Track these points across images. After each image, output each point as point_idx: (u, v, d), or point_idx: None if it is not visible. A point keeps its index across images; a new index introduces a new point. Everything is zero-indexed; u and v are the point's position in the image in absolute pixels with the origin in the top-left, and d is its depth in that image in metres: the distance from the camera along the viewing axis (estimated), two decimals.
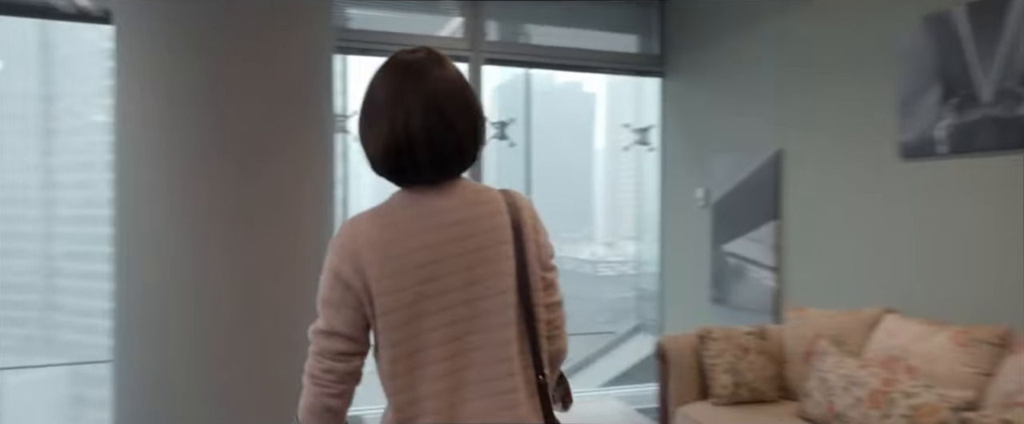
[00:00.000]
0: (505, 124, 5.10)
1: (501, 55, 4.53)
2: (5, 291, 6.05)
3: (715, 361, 2.80)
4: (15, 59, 5.59)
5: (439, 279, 1.14)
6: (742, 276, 3.93)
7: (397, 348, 1.13)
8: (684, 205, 4.52)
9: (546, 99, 7.23)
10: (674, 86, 4.75)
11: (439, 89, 1.14)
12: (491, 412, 1.13)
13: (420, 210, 1.17)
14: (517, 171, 5.54)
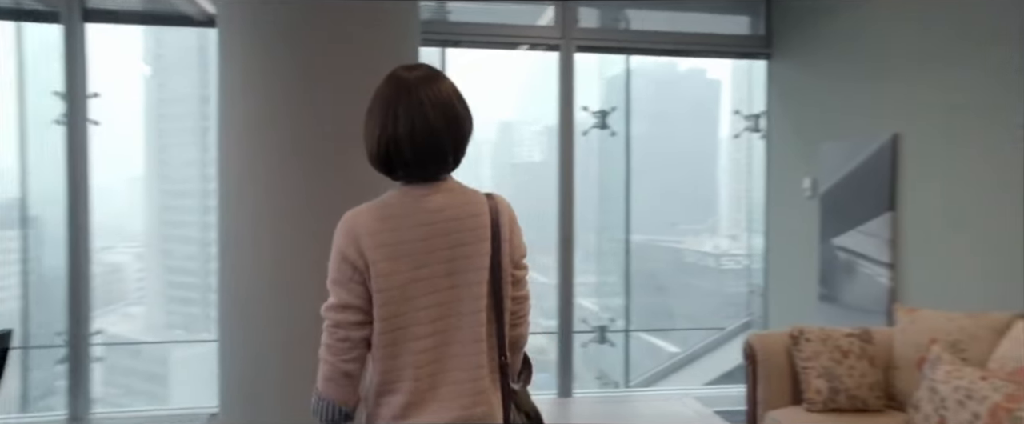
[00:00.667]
0: (606, 113, 4.99)
1: (594, 42, 4.42)
2: (173, 273, 6.71)
3: (808, 364, 2.58)
4: (177, 64, 6.16)
5: (427, 266, 1.34)
6: (853, 273, 3.62)
7: (387, 322, 1.33)
8: (790, 196, 4.23)
9: (667, 87, 6.99)
10: (781, 69, 4.44)
11: (425, 102, 1.35)
12: (464, 383, 1.35)
13: (414, 206, 1.37)
14: (617, 159, 5.41)
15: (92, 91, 3.98)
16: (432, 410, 1.33)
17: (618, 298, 6.27)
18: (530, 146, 6.74)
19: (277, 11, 3.01)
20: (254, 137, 3.03)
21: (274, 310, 2.98)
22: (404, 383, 1.33)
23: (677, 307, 6.93)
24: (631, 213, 5.47)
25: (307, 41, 3.02)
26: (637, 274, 6.38)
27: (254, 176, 3.03)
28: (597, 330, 5.28)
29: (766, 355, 2.69)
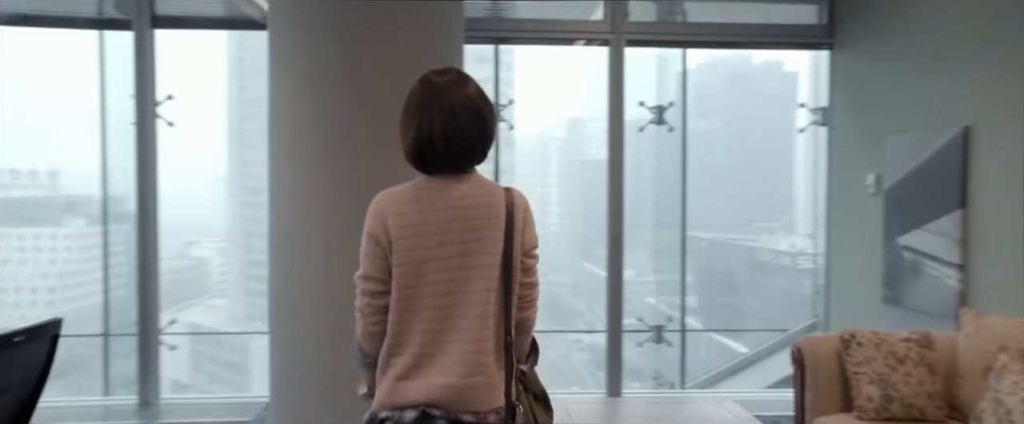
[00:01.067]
0: (663, 109, 4.89)
1: (645, 36, 4.33)
2: (253, 267, 7.01)
3: (860, 369, 2.45)
4: (257, 67, 6.44)
5: (443, 246, 1.50)
6: (919, 274, 3.41)
7: (401, 292, 1.50)
8: (853, 192, 4.03)
9: (741, 80, 6.78)
10: (844, 59, 4.23)
11: (455, 104, 1.51)
12: (464, 353, 1.48)
13: (438, 194, 1.53)
14: (673, 155, 5.28)
15: (166, 94, 4.20)
16: (431, 374, 1.48)
17: (686, 297, 6.13)
18: (598, 142, 6.65)
19: (323, 13, 3.08)
20: (302, 136, 3.12)
21: (322, 305, 3.06)
22: (410, 347, 1.49)
23: (750, 307, 6.73)
24: (688, 210, 5.34)
25: (353, 41, 3.09)
26: (710, 273, 6.21)
27: (303, 174, 3.12)
28: (653, 329, 5.18)
29: (814, 359, 2.57)
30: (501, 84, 6.24)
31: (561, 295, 7.03)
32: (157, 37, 4.23)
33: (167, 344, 4.45)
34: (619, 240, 4.21)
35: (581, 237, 7.27)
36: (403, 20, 3.16)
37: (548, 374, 3.76)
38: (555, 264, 7.33)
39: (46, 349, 1.69)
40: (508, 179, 6.40)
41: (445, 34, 3.35)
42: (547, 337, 5.32)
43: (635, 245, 5.85)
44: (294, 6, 3.12)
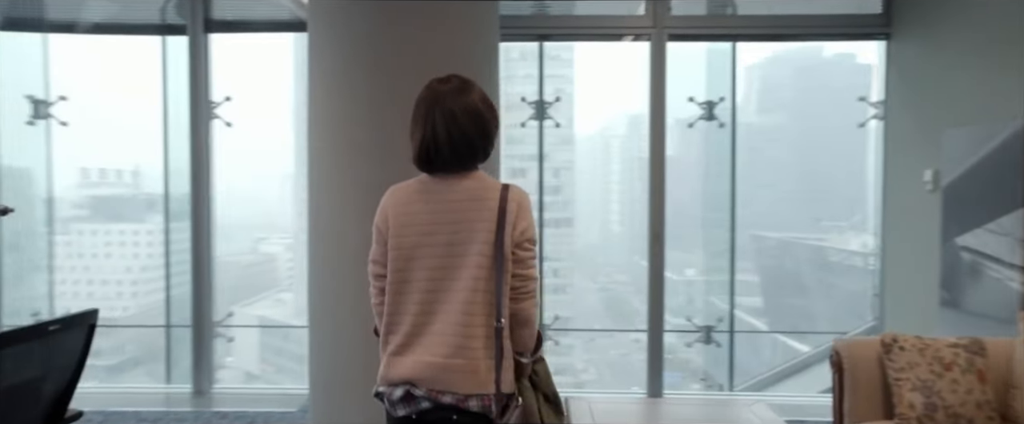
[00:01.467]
0: (713, 104, 4.78)
1: (687, 30, 4.23)
2: None
3: (901, 375, 2.33)
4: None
5: (432, 236, 1.63)
6: (979, 276, 3.22)
7: (395, 275, 1.64)
8: (909, 189, 3.83)
9: (810, 73, 6.55)
10: (901, 49, 4.03)
11: (457, 109, 1.64)
12: (446, 335, 1.58)
13: (435, 190, 1.67)
14: (723, 150, 5.15)
15: (224, 96, 4.37)
16: (417, 352, 1.60)
17: (751, 297, 5.98)
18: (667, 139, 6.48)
19: (359, 15, 3.14)
20: (339, 135, 3.18)
21: (356, 300, 3.12)
22: (402, 327, 1.63)
23: (818, 309, 6.50)
24: (754, 208, 5.21)
25: (389, 42, 3.13)
26: (776, 273, 6.04)
27: (339, 172, 3.19)
28: (702, 330, 5.08)
29: (853, 363, 2.46)
30: (561, 81, 6.19)
31: (621, 294, 6.95)
32: (218, 41, 4.42)
33: (225, 336, 4.65)
34: (660, 237, 4.14)
35: (641, 235, 7.19)
36: (438, 21, 3.18)
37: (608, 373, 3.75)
38: (615, 263, 7.25)
39: (83, 338, 1.79)
40: (567, 177, 6.35)
41: (480, 34, 3.37)
42: (607, 336, 5.28)
43: (696, 244, 5.73)
44: (331, 9, 3.19)
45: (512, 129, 4.91)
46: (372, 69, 3.12)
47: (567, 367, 6.28)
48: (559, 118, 6.32)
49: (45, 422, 1.75)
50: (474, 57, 3.31)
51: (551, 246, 6.25)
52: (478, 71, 3.32)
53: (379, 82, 3.12)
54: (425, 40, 3.16)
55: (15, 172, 4.87)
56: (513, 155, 5.95)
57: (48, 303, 5.21)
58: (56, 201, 5.54)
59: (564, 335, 6.47)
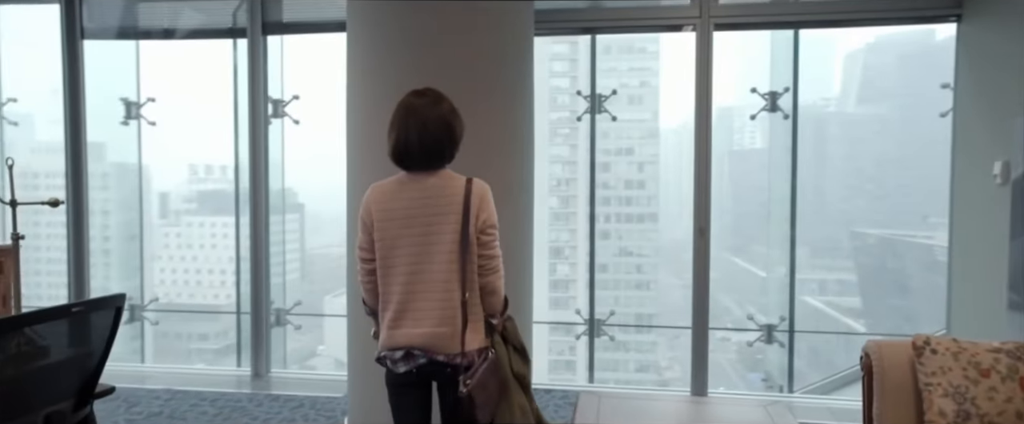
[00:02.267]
0: (777, 95, 4.62)
1: (735, 19, 4.09)
2: None
3: (932, 380, 2.18)
4: None
5: (410, 227, 1.96)
6: None
7: (382, 261, 1.99)
8: (977, 182, 3.57)
9: (918, 60, 6.19)
10: (973, 32, 3.75)
11: (428, 118, 1.98)
12: (431, 309, 1.94)
13: (411, 186, 2.00)
14: (784, 141, 4.95)
15: (292, 94, 4.61)
16: (408, 325, 1.95)
17: (849, 297, 5.74)
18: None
19: (393, 14, 3.21)
20: (375, 133, 3.26)
21: None
22: (392, 304, 1.97)
23: (922, 310, 6.16)
24: (798, 203, 5.00)
25: (422, 40, 3.19)
26: (878, 272, 5.76)
27: (375, 168, 3.27)
28: (764, 329, 4.93)
29: (883, 366, 2.32)
30: (646, 74, 6.06)
31: (711, 291, 6.78)
32: (282, 42, 4.66)
33: (293, 324, 4.89)
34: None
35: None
36: (472, 19, 3.21)
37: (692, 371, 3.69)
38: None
39: (111, 319, 1.95)
40: (651, 171, 6.23)
41: (514, 31, 3.38)
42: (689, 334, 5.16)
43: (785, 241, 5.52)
44: (367, 9, 3.29)
45: (602, 123, 4.85)
46: (406, 68, 3.19)
47: (651, 364, 6.20)
48: (644, 112, 6.21)
49: (77, 395, 1.92)
50: (508, 55, 3.33)
51: (634, 241, 6.17)
52: (512, 68, 3.35)
53: (413, 81, 3.18)
54: (459, 39, 3.20)
55: (130, 169, 5.31)
56: (596, 149, 5.87)
57: (161, 290, 5.67)
58: (169, 195, 6.03)
59: (647, 332, 6.36)
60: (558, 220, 5.87)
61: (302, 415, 3.81)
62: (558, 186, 5.90)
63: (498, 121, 3.29)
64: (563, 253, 6.07)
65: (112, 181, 5.46)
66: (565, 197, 5.96)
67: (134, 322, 5.21)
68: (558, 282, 5.91)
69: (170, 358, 5.25)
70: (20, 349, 1.73)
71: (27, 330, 1.75)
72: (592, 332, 4.84)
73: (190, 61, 5.40)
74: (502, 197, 3.22)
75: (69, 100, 4.68)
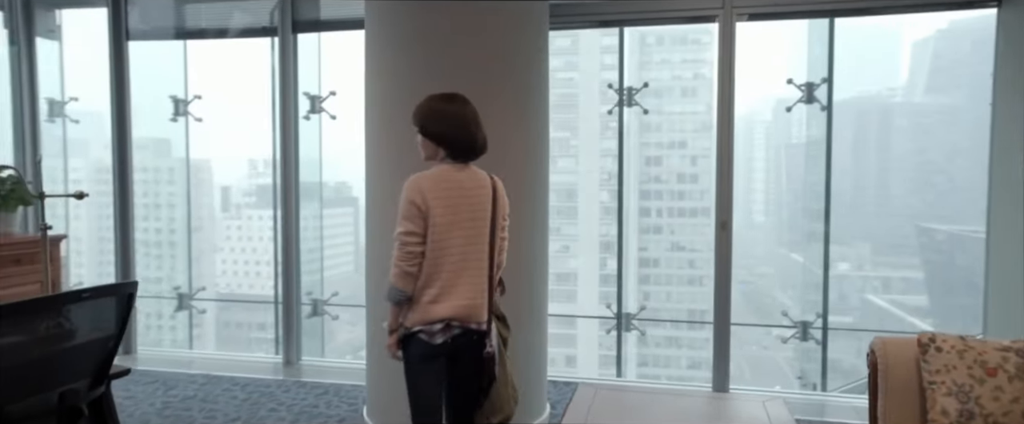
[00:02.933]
0: (813, 86, 4.53)
1: (762, 8, 4.00)
2: None
3: (937, 379, 2.11)
4: None
5: (458, 214, 2.21)
6: None
7: (436, 244, 2.19)
8: (1016, 176, 3.41)
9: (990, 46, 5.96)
10: (1012, 17, 3.58)
11: (466, 117, 2.28)
12: (474, 285, 2.24)
13: (458, 176, 2.26)
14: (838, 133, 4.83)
15: (330, 90, 4.74)
16: (454, 299, 2.20)
17: (915, 296, 5.58)
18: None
19: (408, 11, 3.26)
20: (391, 130, 3.35)
21: None
22: (439, 282, 2.19)
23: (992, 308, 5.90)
24: (831, 198, 4.88)
25: (437, 37, 3.24)
26: (946, 270, 5.58)
27: (391, 161, 3.35)
28: (798, 325, 4.84)
29: (888, 364, 2.25)
30: (700, 65, 5.97)
31: (763, 287, 6.66)
32: (319, 39, 4.79)
33: (330, 314, 5.04)
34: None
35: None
36: (486, 17, 3.24)
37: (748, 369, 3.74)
38: (757, 255, 6.94)
39: (123, 305, 2.07)
40: (705, 165, 6.13)
41: (529, 28, 3.40)
42: (747, 331, 5.11)
43: (852, 236, 5.36)
44: (382, 7, 3.36)
45: (654, 116, 4.84)
46: (419, 68, 3.25)
47: (703, 361, 6.12)
48: (697, 104, 6.11)
49: (93, 375, 2.05)
50: (521, 53, 3.35)
51: (686, 236, 6.09)
52: (526, 66, 3.37)
53: (427, 80, 3.22)
54: (473, 39, 3.23)
55: (195, 164, 5.57)
56: (648, 143, 5.81)
57: (223, 280, 5.92)
58: (230, 189, 6.28)
59: (699, 329, 6.27)
60: (608, 214, 5.74)
61: (326, 401, 3.93)
62: (609, 180, 5.75)
63: (512, 120, 3.32)
64: (613, 248, 5.99)
65: (178, 176, 5.70)
66: (615, 191, 5.89)
67: (183, 310, 5.46)
68: (609, 277, 5.85)
69: (231, 346, 5.44)
70: (48, 331, 1.87)
71: (46, 313, 1.88)
72: (620, 326, 4.84)
73: (234, 59, 5.60)
74: (517, 195, 3.27)
75: (115, 99, 4.92)
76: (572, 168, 5.98)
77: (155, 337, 5.68)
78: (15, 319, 1.80)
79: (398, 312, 2.24)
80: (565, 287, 5.81)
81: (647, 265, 4.87)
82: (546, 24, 3.54)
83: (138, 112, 5.10)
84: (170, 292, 5.49)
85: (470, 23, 3.22)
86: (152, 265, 5.67)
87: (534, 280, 3.47)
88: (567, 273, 5.75)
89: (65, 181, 5.42)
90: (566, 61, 5.78)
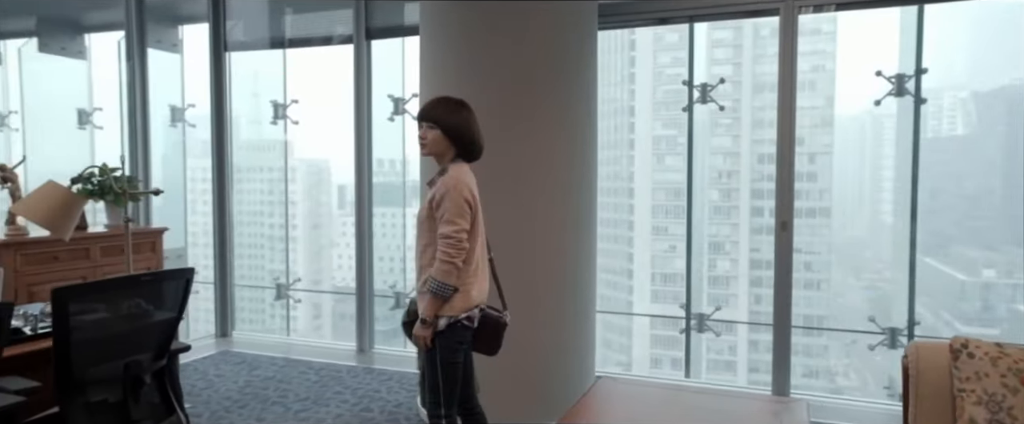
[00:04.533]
0: (904, 78, 4.34)
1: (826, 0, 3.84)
2: None
3: (966, 386, 1.99)
4: None
5: (476, 209, 2.42)
6: None
7: (474, 238, 2.40)
8: None
9: None
10: None
11: (476, 121, 2.50)
12: (487, 273, 2.53)
13: (473, 176, 2.46)
14: (986, 128, 4.55)
15: (412, 93, 4.97)
16: (480, 284, 2.45)
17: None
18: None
19: (457, 15, 3.41)
20: None
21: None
22: (473, 270, 2.41)
23: None
24: (919, 201, 4.63)
25: (486, 41, 3.36)
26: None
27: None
28: (886, 331, 4.65)
29: (920, 369, 2.14)
30: (821, 57, 5.76)
31: (890, 292, 6.34)
32: (403, 44, 5.03)
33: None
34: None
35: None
36: (535, 20, 3.32)
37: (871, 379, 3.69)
38: (884, 258, 6.60)
39: (182, 288, 2.34)
40: (825, 163, 5.91)
41: (577, 29, 3.45)
42: (874, 338, 4.96)
43: (1002, 240, 5.03)
44: (433, 11, 3.52)
45: (769, 112, 4.79)
46: (469, 69, 3.38)
47: (822, 369, 5.92)
48: (816, 98, 5.90)
49: (155, 349, 2.34)
50: (570, 52, 3.41)
51: (803, 238, 5.88)
52: (575, 65, 3.43)
53: (475, 80, 3.36)
54: (521, 40, 3.33)
55: (317, 164, 6.02)
56: (762, 139, 5.66)
57: (339, 274, 6.32)
58: (346, 187, 6.71)
59: (817, 335, 6.04)
60: (718, 214, 5.59)
61: (388, 387, 4.17)
62: (719, 178, 5.59)
63: (558, 120, 3.39)
64: (724, 248, 5.82)
65: (300, 175, 6.14)
66: (726, 190, 5.62)
67: (281, 300, 5.90)
68: (718, 278, 5.73)
69: (344, 337, 5.77)
70: (120, 309, 2.16)
71: (113, 291, 2.17)
72: (689, 326, 4.80)
73: (327, 66, 5.97)
74: (561, 195, 3.35)
75: (214, 106, 5.41)
76: (680, 166, 5.90)
77: (257, 323, 6.13)
78: (90, 296, 2.11)
79: (440, 304, 2.34)
80: (671, 288, 5.70)
81: (759, 267, 4.73)
82: (595, 24, 3.58)
83: (264, 116, 5.58)
84: (279, 283, 5.86)
85: (517, 24, 3.32)
86: (269, 257, 6.09)
87: (579, 279, 3.53)
88: (673, 274, 5.64)
89: (184, 179, 6.01)
90: (674, 57, 5.67)
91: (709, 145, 5.55)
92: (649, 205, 5.60)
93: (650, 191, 5.59)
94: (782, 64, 3.84)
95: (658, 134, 5.55)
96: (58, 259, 3.89)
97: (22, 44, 6.14)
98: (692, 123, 4.73)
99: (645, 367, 5.40)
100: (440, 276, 2.30)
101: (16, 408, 1.98)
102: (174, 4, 5.72)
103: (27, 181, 4.36)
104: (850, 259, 6.18)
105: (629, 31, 5.33)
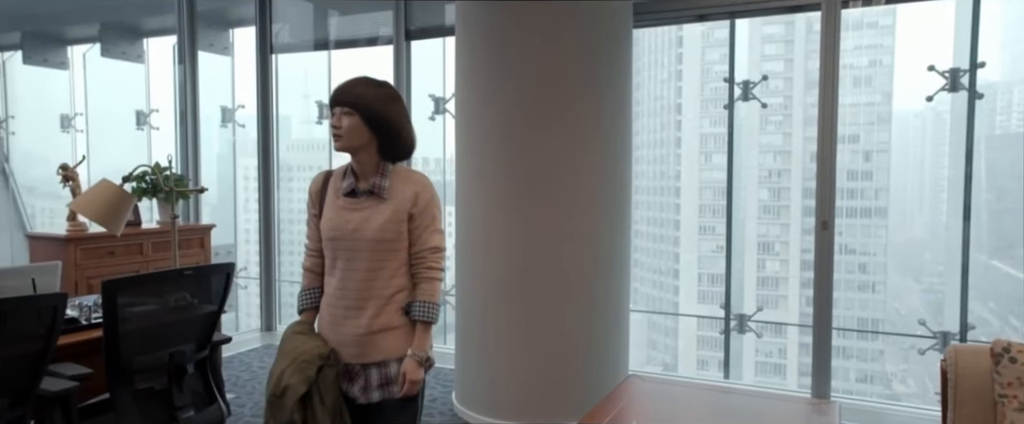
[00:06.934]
0: (958, 73, 4.22)
1: None
2: None
3: (1008, 391, 1.92)
4: None
5: None
6: None
7: None
8: None
9: None
10: None
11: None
12: None
13: None
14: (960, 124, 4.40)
15: (453, 92, 5.03)
16: None
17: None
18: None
19: (489, 16, 3.45)
20: (481, 127, 3.54)
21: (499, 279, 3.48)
22: None
23: None
24: (975, 201, 4.46)
25: (521, 41, 3.39)
26: None
27: (482, 158, 3.55)
28: (938, 335, 4.52)
29: (958, 374, 2.07)
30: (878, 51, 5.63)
31: (952, 296, 6.14)
32: (444, 44, 5.09)
33: (450, 303, 5.39)
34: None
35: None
36: (570, 19, 3.33)
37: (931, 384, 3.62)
38: (946, 260, 6.42)
39: (223, 282, 2.44)
40: (881, 161, 5.77)
41: (612, 28, 3.45)
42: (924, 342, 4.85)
43: None
44: (468, 12, 3.56)
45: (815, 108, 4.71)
46: (503, 69, 3.41)
47: (877, 374, 5.79)
48: (873, 94, 5.77)
49: (198, 340, 2.44)
50: (604, 51, 3.41)
51: (858, 239, 5.75)
52: (610, 64, 3.42)
53: (509, 80, 3.40)
54: (556, 39, 3.34)
55: None
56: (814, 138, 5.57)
57: None
58: None
59: (872, 339, 5.90)
60: (768, 213, 5.50)
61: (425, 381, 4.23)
62: (769, 177, 5.50)
63: (593, 118, 3.39)
64: (773, 249, 5.65)
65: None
66: (776, 189, 5.50)
67: None
68: (766, 279, 5.58)
69: None
70: (168, 301, 2.27)
71: (158, 284, 2.28)
72: (727, 327, 4.73)
73: (369, 67, 6.09)
74: (594, 194, 3.35)
75: (260, 107, 5.58)
76: (726, 165, 5.84)
77: None
78: (136, 289, 2.22)
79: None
80: (718, 289, 5.63)
81: (810, 268, 4.66)
82: (629, 23, 3.56)
83: (314, 116, 5.74)
84: None
85: (551, 24, 3.33)
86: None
87: (613, 277, 3.52)
88: (720, 274, 5.59)
89: (234, 178, 6.22)
90: (722, 54, 5.59)
91: (758, 143, 5.43)
92: (696, 204, 5.50)
93: (697, 190, 5.50)
94: (824, 59, 3.75)
95: (706, 132, 5.45)
96: (114, 254, 4.09)
97: (86, 49, 6.47)
98: (732, 120, 4.65)
99: (691, 368, 5.33)
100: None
101: (70, 392, 2.11)
102: (224, 9, 5.92)
103: (89, 180, 4.59)
104: (909, 261, 5.98)
105: (677, 28, 5.26)
